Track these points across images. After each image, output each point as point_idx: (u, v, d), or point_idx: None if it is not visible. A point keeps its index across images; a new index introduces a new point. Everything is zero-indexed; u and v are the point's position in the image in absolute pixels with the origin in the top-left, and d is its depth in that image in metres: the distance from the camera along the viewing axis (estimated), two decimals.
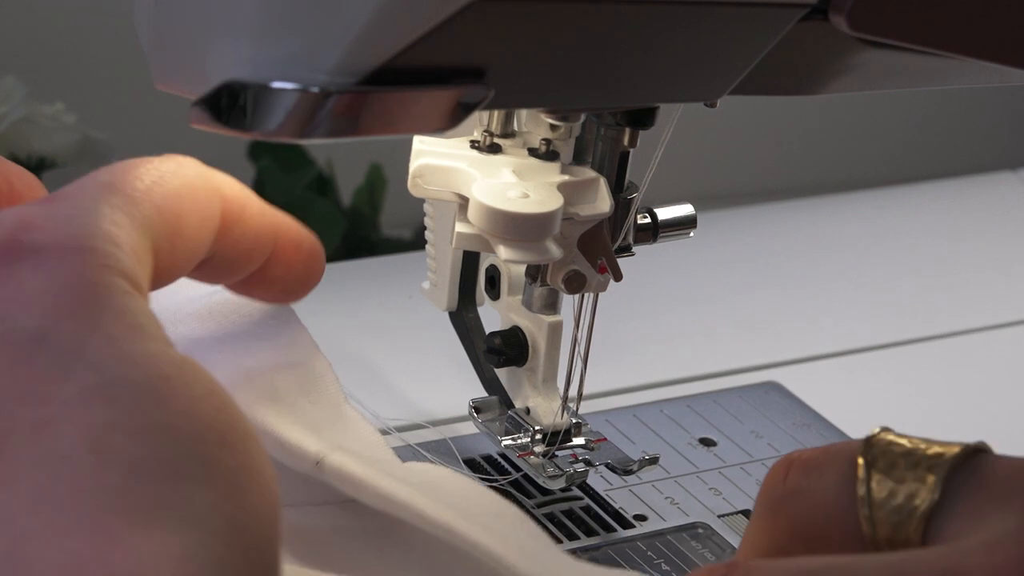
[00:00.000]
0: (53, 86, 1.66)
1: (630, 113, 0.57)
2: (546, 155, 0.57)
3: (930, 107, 2.09)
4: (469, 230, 0.55)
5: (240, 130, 0.42)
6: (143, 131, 1.81)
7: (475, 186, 0.54)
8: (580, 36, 0.46)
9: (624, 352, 0.65)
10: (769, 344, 0.79)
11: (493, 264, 0.63)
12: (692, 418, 0.71)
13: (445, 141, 0.57)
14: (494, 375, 0.64)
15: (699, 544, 0.63)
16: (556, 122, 0.57)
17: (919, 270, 0.91)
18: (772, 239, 0.77)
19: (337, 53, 0.41)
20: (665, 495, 0.65)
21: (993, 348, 0.83)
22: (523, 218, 0.53)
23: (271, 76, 0.42)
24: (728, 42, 0.50)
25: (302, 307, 0.52)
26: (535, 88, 0.48)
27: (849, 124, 2.10)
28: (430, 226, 0.64)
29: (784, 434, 0.70)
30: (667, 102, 0.54)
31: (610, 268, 0.58)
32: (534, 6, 0.44)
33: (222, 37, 0.43)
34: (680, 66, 0.50)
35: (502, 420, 0.64)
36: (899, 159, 1.94)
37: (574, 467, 0.62)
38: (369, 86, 0.42)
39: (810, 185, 1.72)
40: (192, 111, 0.43)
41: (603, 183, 0.58)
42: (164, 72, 0.46)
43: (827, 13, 0.49)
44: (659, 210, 0.62)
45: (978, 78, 0.56)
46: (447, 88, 0.44)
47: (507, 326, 0.63)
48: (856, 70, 0.53)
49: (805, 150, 2.10)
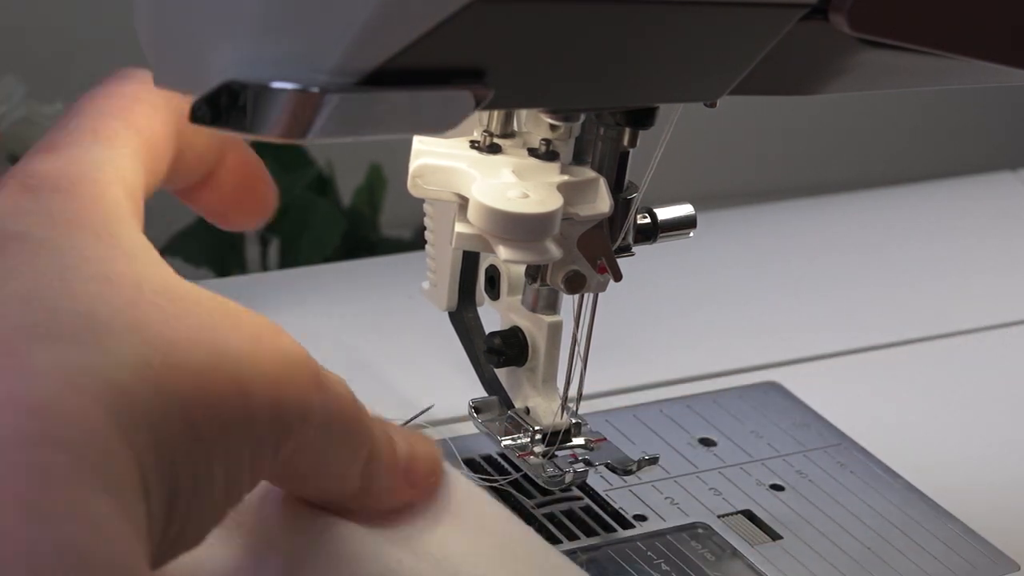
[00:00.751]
0: (53, 86, 1.66)
1: (630, 113, 0.57)
2: (546, 155, 0.57)
3: (930, 107, 2.09)
4: (469, 230, 0.55)
5: (240, 130, 0.42)
6: None
7: (475, 186, 0.54)
8: (580, 36, 0.46)
9: (624, 352, 0.65)
10: (769, 344, 0.79)
11: (493, 264, 0.63)
12: (692, 418, 0.71)
13: (445, 141, 0.57)
14: (494, 375, 0.64)
15: (699, 544, 0.63)
16: (556, 122, 0.57)
17: (919, 270, 0.91)
18: (772, 239, 0.77)
19: (337, 53, 0.41)
20: (665, 495, 0.65)
21: (993, 348, 0.83)
22: (523, 218, 0.53)
23: (271, 76, 0.42)
24: (728, 42, 0.50)
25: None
26: (535, 88, 0.48)
27: (849, 124, 2.10)
28: (430, 226, 0.64)
29: (784, 434, 0.70)
30: (667, 102, 0.54)
31: (610, 268, 0.58)
32: (534, 6, 0.44)
33: (222, 37, 0.43)
34: (680, 66, 0.50)
35: (502, 420, 0.64)
36: (899, 159, 1.94)
37: (574, 468, 0.62)
38: (369, 86, 0.42)
39: (810, 185, 1.72)
40: (192, 111, 0.43)
41: (603, 183, 0.58)
42: (164, 72, 0.46)
43: (827, 13, 0.49)
44: (659, 210, 0.62)
45: (978, 78, 0.56)
46: (447, 88, 0.44)
47: (507, 326, 0.63)
48: (856, 70, 0.53)
49: (805, 150, 2.10)
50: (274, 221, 0.57)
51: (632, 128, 0.57)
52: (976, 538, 0.64)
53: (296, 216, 1.51)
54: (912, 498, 0.66)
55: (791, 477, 0.67)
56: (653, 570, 0.61)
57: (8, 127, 1.48)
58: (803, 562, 0.62)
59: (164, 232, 1.65)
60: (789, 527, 0.64)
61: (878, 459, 0.69)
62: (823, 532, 0.63)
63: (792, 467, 0.68)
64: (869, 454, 0.69)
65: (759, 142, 2.09)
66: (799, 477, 0.67)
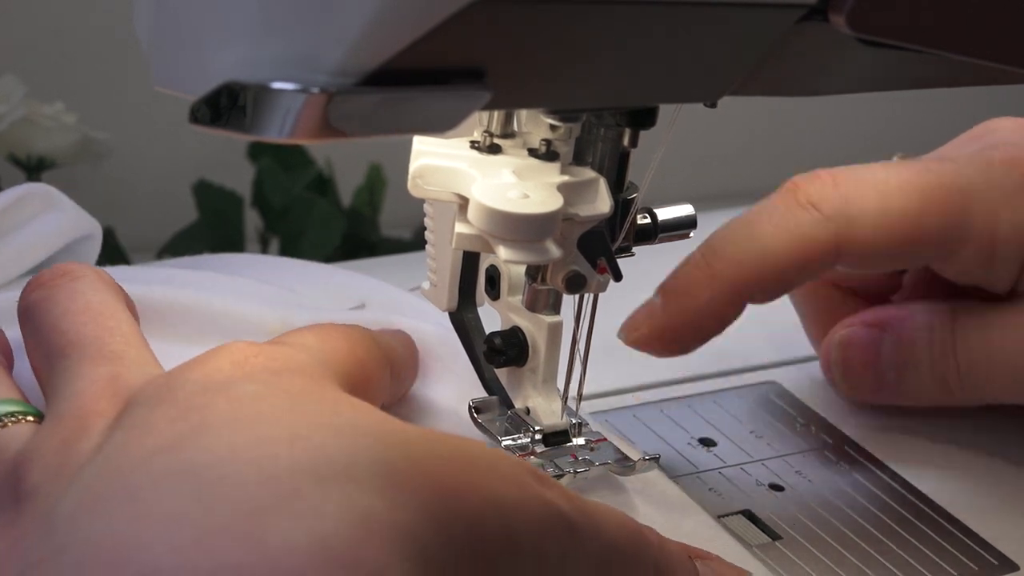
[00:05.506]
0: (53, 86, 1.66)
1: (630, 113, 0.57)
2: (546, 155, 0.57)
3: (930, 107, 2.09)
4: (469, 230, 0.55)
5: (240, 131, 0.42)
6: (143, 131, 1.82)
7: (475, 186, 0.54)
8: (580, 36, 0.46)
9: (624, 352, 0.65)
10: (769, 344, 0.79)
11: (493, 264, 0.63)
12: (692, 418, 0.71)
13: (445, 141, 0.57)
14: (494, 375, 0.64)
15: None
16: (556, 122, 0.57)
17: None
18: None
19: (337, 54, 0.41)
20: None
21: None
22: (523, 218, 0.53)
23: (271, 76, 0.42)
24: (728, 42, 0.50)
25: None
26: (535, 88, 0.48)
27: (849, 124, 2.10)
28: (430, 226, 0.64)
29: (784, 434, 0.70)
30: (667, 102, 0.54)
31: (610, 268, 0.58)
32: (534, 6, 0.44)
33: (222, 37, 0.43)
34: (680, 66, 0.50)
35: (502, 420, 0.64)
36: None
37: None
38: (369, 87, 0.42)
39: None
40: (192, 111, 0.43)
41: (603, 183, 0.58)
42: (164, 72, 0.46)
43: (827, 13, 0.49)
44: (659, 210, 0.62)
45: (978, 78, 0.56)
46: (447, 88, 0.44)
47: (507, 326, 0.63)
48: (856, 70, 0.53)
49: (805, 150, 2.10)
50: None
51: (632, 128, 0.57)
52: (976, 538, 0.64)
53: (296, 216, 1.51)
54: (912, 498, 0.66)
55: (791, 477, 0.67)
56: None
57: (8, 127, 1.48)
58: (803, 562, 0.62)
59: (164, 232, 1.65)
60: (789, 527, 0.64)
61: (878, 459, 0.69)
62: (823, 532, 0.63)
63: (792, 467, 0.68)
64: (869, 454, 0.69)
65: (759, 142, 2.09)
66: (799, 477, 0.67)
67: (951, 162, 0.64)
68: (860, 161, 0.65)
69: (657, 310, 0.63)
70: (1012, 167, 0.63)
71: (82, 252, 0.73)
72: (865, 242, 0.63)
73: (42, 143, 1.50)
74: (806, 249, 0.62)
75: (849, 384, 0.70)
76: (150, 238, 1.67)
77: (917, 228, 0.63)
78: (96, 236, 0.74)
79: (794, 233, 0.62)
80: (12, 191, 0.70)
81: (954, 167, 0.63)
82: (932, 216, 0.62)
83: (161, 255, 1.61)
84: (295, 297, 0.69)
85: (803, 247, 0.62)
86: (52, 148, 1.51)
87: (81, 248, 0.73)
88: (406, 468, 0.44)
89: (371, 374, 0.58)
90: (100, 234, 0.74)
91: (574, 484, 0.62)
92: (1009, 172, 0.63)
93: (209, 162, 1.71)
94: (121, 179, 1.81)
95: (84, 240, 0.73)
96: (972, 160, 0.64)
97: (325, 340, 0.56)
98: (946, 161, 0.64)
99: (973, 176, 0.63)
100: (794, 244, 0.62)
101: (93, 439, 0.47)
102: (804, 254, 0.62)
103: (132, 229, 1.66)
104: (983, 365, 0.66)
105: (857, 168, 0.64)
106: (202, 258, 0.80)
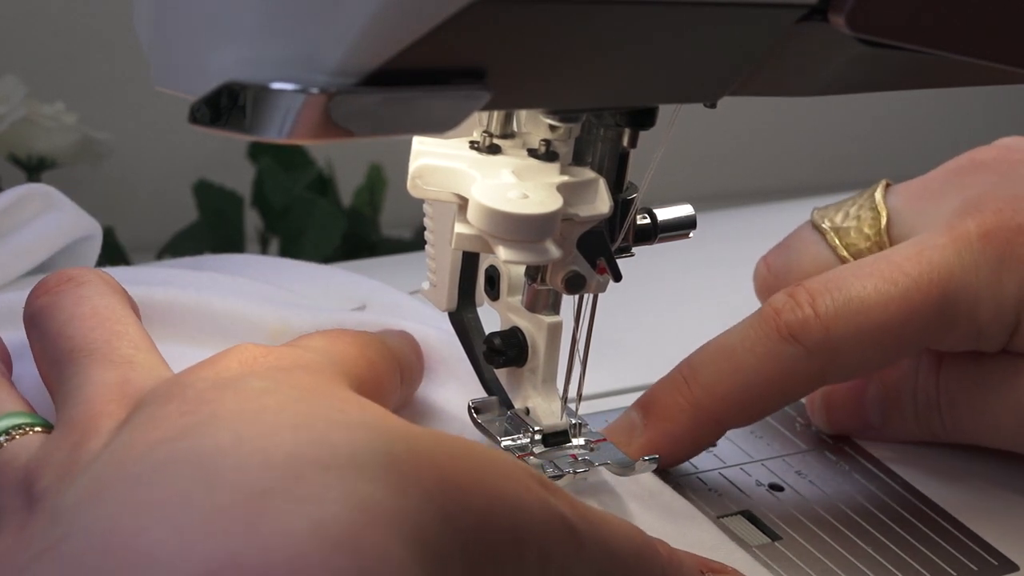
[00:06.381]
0: (53, 86, 1.66)
1: (630, 113, 0.57)
2: (546, 156, 0.57)
3: (930, 107, 2.09)
4: (469, 231, 0.55)
5: (239, 131, 0.42)
6: (143, 131, 1.82)
7: (475, 187, 0.54)
8: (580, 36, 0.46)
9: (624, 352, 0.65)
10: None
11: (493, 264, 0.63)
12: None
13: (444, 142, 0.57)
14: (494, 375, 0.64)
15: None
16: (556, 123, 0.57)
17: None
18: (772, 239, 0.77)
19: (337, 54, 0.41)
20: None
21: None
22: (523, 219, 0.53)
23: (271, 76, 0.42)
24: (728, 42, 0.50)
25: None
26: (535, 88, 0.48)
27: (849, 124, 2.10)
28: (430, 226, 0.64)
29: (784, 434, 0.70)
30: (667, 102, 0.54)
31: (609, 269, 0.58)
32: (534, 6, 0.44)
33: (222, 37, 0.43)
34: (680, 66, 0.50)
35: (502, 420, 0.64)
36: (899, 159, 1.94)
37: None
38: (369, 87, 0.42)
39: (810, 185, 1.72)
40: (192, 111, 0.43)
41: (603, 184, 0.58)
42: (164, 72, 0.46)
43: (827, 13, 0.49)
44: (659, 210, 0.62)
45: (978, 78, 0.56)
46: (447, 88, 0.44)
47: (507, 326, 0.63)
48: (856, 70, 0.53)
49: (805, 150, 2.10)
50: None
51: (632, 128, 0.57)
52: (976, 538, 0.64)
53: (296, 216, 1.51)
54: (912, 498, 0.66)
55: (790, 477, 0.67)
56: None
57: (8, 127, 1.48)
58: (802, 562, 0.62)
59: (164, 232, 1.65)
60: (788, 527, 0.64)
61: (878, 459, 0.69)
62: (823, 532, 0.63)
63: (792, 467, 0.68)
64: (869, 454, 0.69)
65: (759, 142, 2.09)
66: (798, 477, 0.67)
67: (928, 250, 0.64)
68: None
69: (638, 428, 0.64)
70: (988, 242, 0.63)
71: (82, 252, 0.73)
72: (850, 366, 0.64)
73: (42, 143, 1.50)
74: (789, 382, 0.64)
75: (834, 427, 0.70)
76: (150, 238, 1.67)
77: (900, 339, 0.64)
78: (96, 236, 0.74)
79: (776, 368, 0.63)
80: (12, 191, 0.70)
81: (930, 263, 0.63)
82: (914, 324, 0.63)
83: (161, 255, 1.61)
84: (295, 297, 0.69)
85: (786, 380, 0.63)
86: (52, 148, 1.50)
87: (81, 248, 0.73)
88: (410, 460, 0.44)
89: (382, 377, 0.58)
90: (100, 234, 0.74)
91: (573, 485, 0.62)
92: (985, 249, 0.63)
93: (209, 162, 1.71)
94: (121, 179, 1.81)
95: (84, 240, 0.73)
96: (952, 239, 0.64)
97: (335, 342, 0.56)
98: (924, 251, 0.64)
99: (952, 263, 0.63)
100: (776, 378, 0.63)
101: (102, 438, 0.47)
102: (787, 387, 0.64)
103: (132, 229, 1.66)
104: (968, 421, 0.67)
105: (833, 279, 0.64)
106: (202, 258, 0.80)
